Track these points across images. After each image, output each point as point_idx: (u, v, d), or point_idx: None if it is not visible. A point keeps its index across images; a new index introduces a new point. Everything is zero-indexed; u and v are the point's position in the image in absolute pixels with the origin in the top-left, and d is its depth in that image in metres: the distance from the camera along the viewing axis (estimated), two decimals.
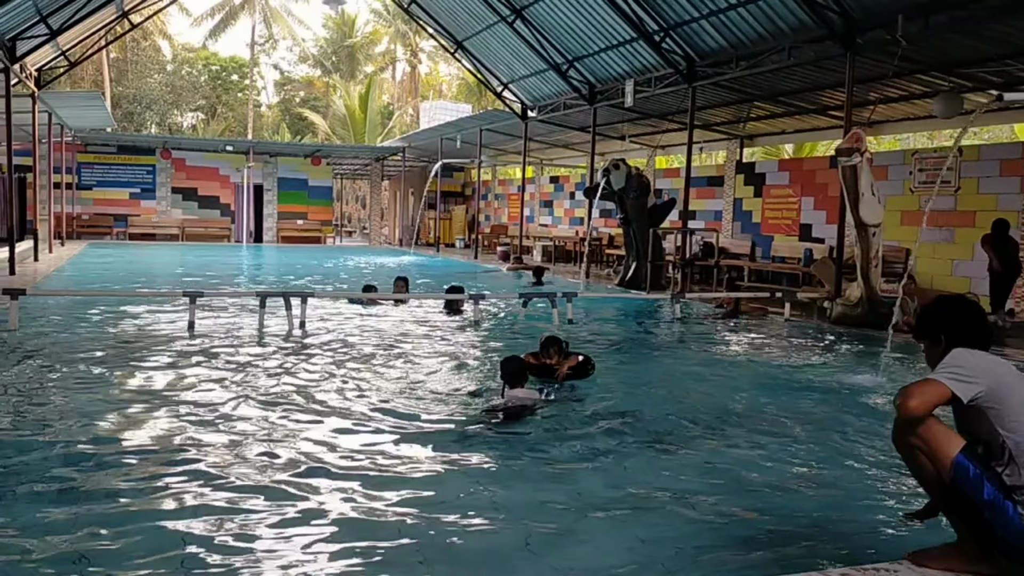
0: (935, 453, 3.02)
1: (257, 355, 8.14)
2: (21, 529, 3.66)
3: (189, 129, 53.75)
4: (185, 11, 50.26)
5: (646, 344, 10.39)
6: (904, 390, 2.99)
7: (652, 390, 7.22)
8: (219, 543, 3.59)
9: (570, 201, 28.04)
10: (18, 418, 5.55)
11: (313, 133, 51.80)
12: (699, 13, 14.49)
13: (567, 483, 4.53)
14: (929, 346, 3.35)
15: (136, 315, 10.76)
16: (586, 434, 5.49)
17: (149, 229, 30.68)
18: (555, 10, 17.75)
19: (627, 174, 15.87)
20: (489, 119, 24.40)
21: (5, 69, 15.26)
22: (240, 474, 4.50)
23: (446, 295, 11.63)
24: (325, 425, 5.60)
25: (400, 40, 53.80)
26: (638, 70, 17.58)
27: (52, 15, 16.50)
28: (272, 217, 32.71)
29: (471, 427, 5.62)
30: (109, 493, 4.14)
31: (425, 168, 33.45)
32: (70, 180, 28.25)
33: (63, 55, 20.75)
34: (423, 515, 3.97)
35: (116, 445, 4.99)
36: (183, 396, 6.29)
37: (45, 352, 7.96)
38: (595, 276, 19.11)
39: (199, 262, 21.06)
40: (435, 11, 22.39)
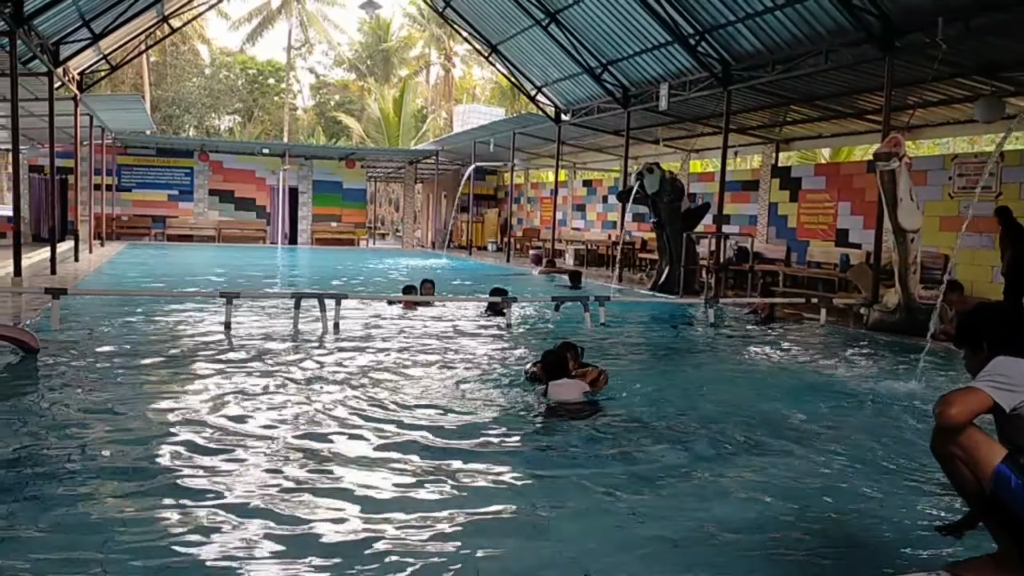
0: (975, 462, 2.97)
1: (291, 355, 8.22)
2: (54, 527, 3.74)
3: (226, 132, 54.52)
4: (224, 15, 50.94)
5: (679, 349, 10.33)
6: (944, 398, 2.95)
7: (685, 395, 7.18)
8: (251, 541, 3.65)
9: (603, 205, 27.98)
10: (55, 418, 5.65)
11: (348, 136, 52.23)
12: (735, 16, 14.40)
13: (599, 487, 4.52)
14: (970, 353, 3.30)
15: (174, 315, 10.93)
16: (616, 440, 5.46)
17: (186, 230, 31.16)
18: (590, 14, 17.74)
19: (661, 178, 15.81)
20: (522, 123, 24.44)
21: (49, 73, 15.59)
22: (271, 475, 4.55)
23: (488, 297, 11.66)
24: (356, 427, 5.64)
25: (434, 44, 54.11)
26: (673, 73, 17.50)
27: (95, 19, 16.85)
28: (307, 219, 33.03)
29: (509, 429, 5.63)
30: (145, 490, 4.22)
31: (458, 171, 33.60)
32: (110, 182, 28.77)
33: (104, 59, 21.18)
34: (461, 524, 3.99)
35: (152, 444, 5.06)
36: (218, 395, 6.38)
37: (84, 351, 8.11)
38: (628, 280, 19.05)
39: (235, 263, 21.33)
40: (470, 15, 22.49)
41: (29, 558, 3.35)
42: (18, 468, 4.45)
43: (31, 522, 3.72)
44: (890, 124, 12.21)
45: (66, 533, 3.63)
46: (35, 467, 4.48)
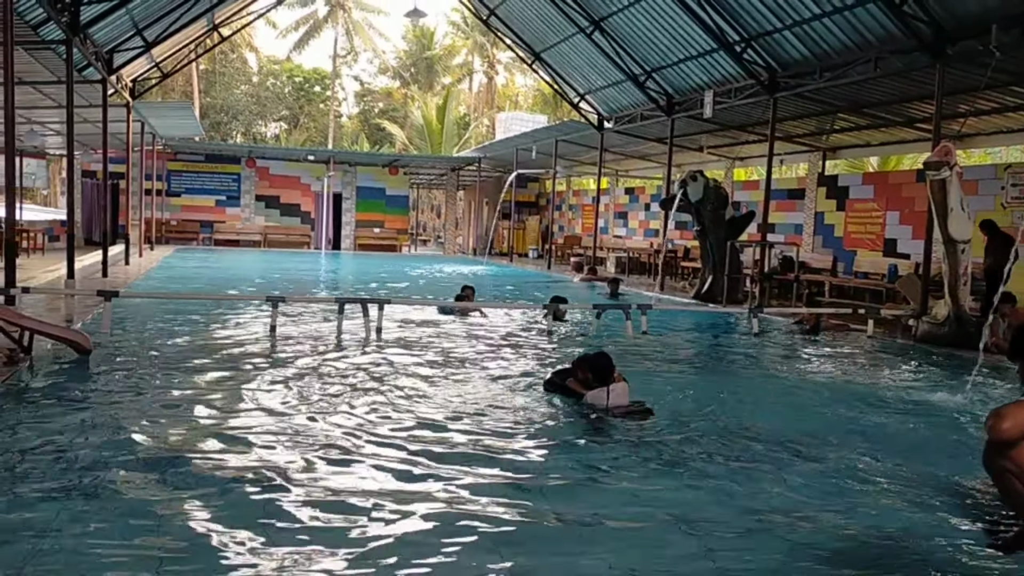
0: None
1: (334, 360, 8.31)
2: (106, 527, 3.82)
3: (272, 139, 55.38)
4: (271, 24, 51.76)
5: (722, 358, 10.24)
6: (996, 412, 2.89)
7: (727, 406, 7.11)
8: (293, 542, 3.70)
9: (645, 212, 27.86)
10: (104, 417, 5.78)
11: (391, 143, 52.74)
12: (782, 24, 14.27)
13: (646, 496, 4.50)
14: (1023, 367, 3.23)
15: (221, 318, 11.12)
16: (661, 450, 5.43)
17: (233, 235, 31.69)
18: (634, 21, 17.70)
19: (705, 186, 15.70)
20: (565, 130, 24.45)
21: (103, 80, 16.00)
22: (315, 477, 4.61)
23: (551, 305, 11.68)
24: (397, 431, 5.68)
25: (478, 52, 54.42)
26: (718, 81, 17.38)
27: (147, 28, 17.26)
28: (350, 225, 33.39)
29: (550, 437, 5.63)
30: (194, 490, 4.30)
31: (500, 178, 33.70)
32: (160, 187, 29.41)
33: (156, 66, 21.66)
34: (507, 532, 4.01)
35: (198, 445, 5.16)
36: (264, 397, 6.47)
37: (134, 352, 8.30)
38: (670, 288, 18.92)
39: (280, 268, 21.63)
40: (514, 23, 22.58)
41: (78, 555, 3.44)
42: (68, 465, 4.57)
43: (79, 519, 3.82)
44: (941, 133, 11.98)
45: (111, 530, 3.72)
46: (85, 465, 4.58)
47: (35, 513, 3.84)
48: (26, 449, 4.78)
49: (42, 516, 3.80)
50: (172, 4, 17.04)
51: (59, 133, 23.30)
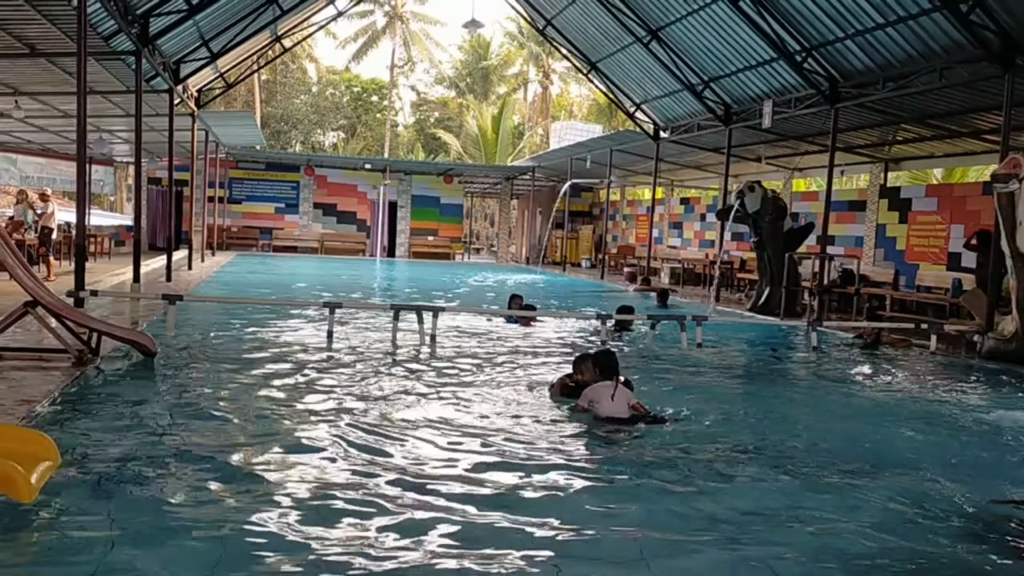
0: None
1: (388, 365, 8.41)
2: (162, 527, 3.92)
3: (330, 147, 56.30)
4: (331, 35, 52.69)
5: (779, 372, 10.08)
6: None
7: (783, 421, 7.00)
8: (343, 545, 3.74)
9: (701, 223, 27.59)
10: (168, 419, 5.93)
11: (446, 152, 53.16)
12: (844, 33, 14.04)
13: (689, 507, 4.46)
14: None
15: (279, 322, 11.32)
16: (712, 465, 5.36)
17: (291, 242, 32.27)
18: (692, 31, 17.59)
19: (763, 196, 15.51)
20: (620, 140, 24.38)
21: (169, 90, 16.46)
22: (366, 482, 4.66)
23: (617, 315, 11.67)
24: (447, 436, 5.72)
25: (533, 61, 54.60)
26: (777, 90, 17.16)
27: (213, 39, 17.71)
28: (405, 233, 33.74)
29: (596, 448, 5.62)
30: (246, 489, 4.39)
31: (554, 188, 33.70)
32: (222, 194, 30.10)
33: (221, 76, 22.20)
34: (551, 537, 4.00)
35: (256, 447, 5.27)
36: (320, 402, 6.58)
37: (196, 355, 8.50)
38: (726, 300, 18.69)
39: (336, 274, 21.94)
40: (570, 33, 22.61)
41: (136, 554, 3.54)
42: (133, 464, 4.70)
43: (141, 516, 3.92)
44: (1009, 144, 11.63)
45: (171, 529, 3.81)
46: (148, 464, 4.70)
47: (98, 511, 3.95)
48: (92, 448, 4.93)
49: (104, 514, 3.91)
50: (237, 16, 17.47)
51: (127, 141, 24.04)
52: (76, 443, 4.94)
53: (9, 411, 5.47)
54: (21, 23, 11.70)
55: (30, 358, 7.37)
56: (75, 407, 5.92)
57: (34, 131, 21.12)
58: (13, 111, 16.93)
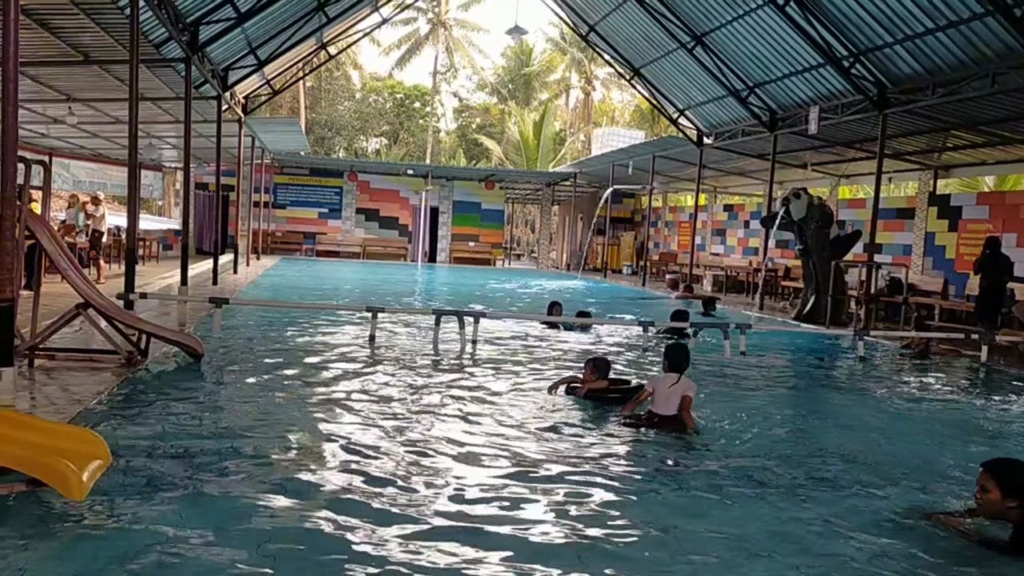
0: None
1: (430, 369, 8.43)
2: (213, 522, 3.97)
3: (373, 153, 56.78)
4: (375, 42, 53.18)
5: (824, 382, 9.92)
6: None
7: (828, 431, 6.87)
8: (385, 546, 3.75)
9: (744, 230, 27.29)
10: (215, 420, 6.02)
11: (487, 158, 53.33)
12: (893, 38, 13.79)
13: (721, 518, 4.39)
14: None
15: (323, 326, 11.43)
16: (753, 479, 5.27)
17: (334, 247, 32.63)
18: (737, 36, 17.43)
19: (808, 203, 15.29)
20: (663, 146, 24.22)
21: (218, 97, 16.75)
22: (408, 485, 4.67)
23: (671, 323, 11.60)
24: (487, 441, 5.72)
25: (575, 67, 54.55)
26: (824, 96, 16.92)
27: (260, 47, 17.99)
28: (446, 238, 33.90)
29: (639, 457, 5.57)
30: (292, 488, 4.43)
31: (595, 194, 33.63)
32: (267, 199, 30.56)
33: (267, 83, 22.53)
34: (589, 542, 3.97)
35: (299, 448, 5.32)
36: (362, 405, 6.62)
37: (242, 357, 8.61)
38: (770, 308, 18.45)
39: (379, 279, 22.10)
40: (613, 39, 22.55)
41: (183, 551, 3.59)
42: (179, 462, 4.78)
43: (188, 514, 3.98)
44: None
45: (219, 527, 3.86)
46: (195, 464, 4.78)
47: (147, 509, 4.02)
48: (141, 448, 5.02)
49: (153, 512, 3.98)
50: (284, 23, 17.73)
51: (175, 147, 24.50)
52: (125, 442, 5.03)
53: (61, 410, 5.59)
54: (76, 31, 11.98)
55: (81, 359, 7.53)
56: (125, 407, 6.04)
57: (86, 137, 21.61)
58: (67, 117, 17.33)
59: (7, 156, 5.35)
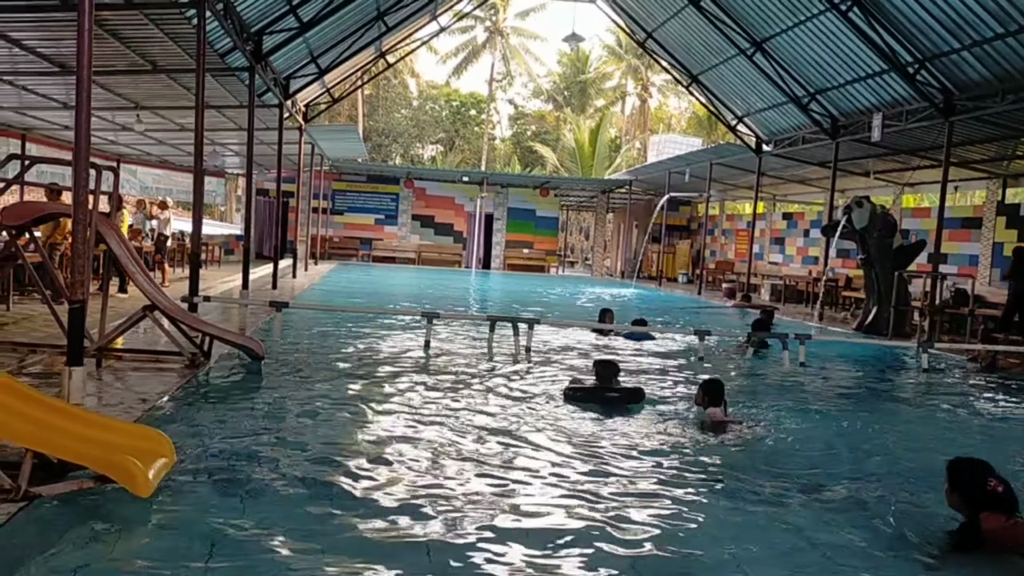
0: None
1: (485, 375, 8.46)
2: (267, 520, 4.04)
3: (429, 160, 57.32)
4: (432, 51, 53.77)
5: (886, 395, 9.67)
6: None
7: (887, 446, 6.69)
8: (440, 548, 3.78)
9: (804, 239, 26.82)
10: (275, 420, 6.13)
11: (542, 165, 53.39)
12: (960, 44, 13.44)
13: (787, 541, 4.32)
14: None
15: (379, 331, 11.57)
16: (812, 495, 5.16)
17: (390, 253, 33.00)
18: (798, 42, 17.17)
19: (871, 212, 14.97)
20: (721, 153, 23.97)
21: (280, 104, 17.08)
22: (466, 489, 4.69)
23: (754, 334, 11.49)
24: (540, 446, 5.71)
25: (631, 74, 54.35)
26: (887, 103, 16.56)
27: (321, 56, 18.31)
28: (500, 245, 34.02)
29: (693, 466, 5.51)
30: (349, 488, 4.48)
31: (651, 201, 33.40)
32: (325, 205, 31.05)
33: (327, 92, 22.91)
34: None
35: (356, 449, 5.38)
36: (417, 408, 6.68)
37: (301, 360, 8.76)
38: (830, 319, 18.09)
39: (434, 284, 22.28)
40: (671, 46, 22.41)
41: (244, 548, 3.66)
42: (241, 463, 4.88)
43: (248, 514, 4.06)
44: None
45: (279, 526, 3.92)
46: (256, 463, 4.87)
47: (211, 506, 4.11)
48: (204, 446, 5.14)
49: (215, 509, 4.08)
50: (345, 33, 18.02)
51: (238, 154, 25.04)
52: (189, 441, 5.16)
53: (128, 409, 5.75)
54: (145, 41, 12.34)
55: (147, 359, 7.74)
56: (188, 407, 6.19)
57: (152, 144, 22.23)
58: (135, 124, 17.86)
59: (80, 162, 5.53)
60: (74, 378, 5.47)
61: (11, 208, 7.90)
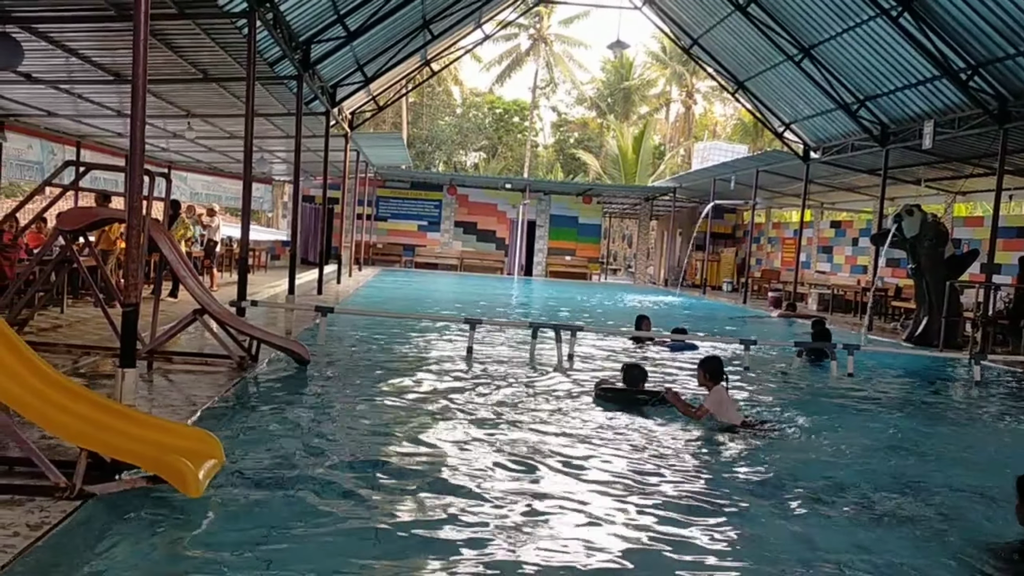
0: None
1: (526, 381, 8.46)
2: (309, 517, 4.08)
3: (472, 167, 57.54)
4: (476, 58, 53.99)
5: (936, 408, 9.43)
6: None
7: (945, 460, 6.54)
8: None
9: (852, 248, 26.37)
10: (320, 421, 6.19)
11: (585, 172, 53.29)
12: (1015, 50, 13.12)
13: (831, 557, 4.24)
14: None
15: (422, 336, 11.63)
16: (859, 511, 5.06)
17: (432, 259, 33.19)
18: (847, 48, 16.91)
19: (922, 221, 14.67)
20: (767, 160, 23.69)
21: (326, 112, 17.30)
22: (507, 492, 4.69)
23: (812, 343, 11.35)
24: (579, 453, 5.69)
25: (676, 81, 54.01)
26: (939, 110, 16.23)
27: (367, 64, 18.51)
28: (542, 252, 34.02)
29: (728, 478, 5.45)
30: (394, 491, 4.51)
31: (695, 209, 33.16)
32: (369, 212, 31.34)
33: (373, 100, 23.15)
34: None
35: (399, 452, 5.42)
36: (460, 413, 6.70)
37: (346, 364, 8.85)
38: (879, 329, 17.75)
39: (476, 291, 22.34)
40: (717, 52, 22.24)
41: (290, 548, 3.70)
42: (286, 462, 4.95)
43: (293, 512, 4.12)
44: None
45: (323, 525, 3.96)
46: (302, 465, 4.93)
47: (258, 506, 4.17)
48: (252, 447, 5.21)
49: (262, 509, 4.14)
50: (391, 41, 18.20)
51: (284, 161, 25.41)
52: (237, 442, 5.24)
53: (178, 410, 5.85)
54: (197, 51, 12.58)
55: (197, 362, 7.88)
56: (236, 409, 6.29)
57: (202, 151, 22.63)
58: (186, 132, 18.21)
59: (135, 168, 5.66)
60: (127, 379, 5.58)
61: (68, 213, 8.12)
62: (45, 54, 11.61)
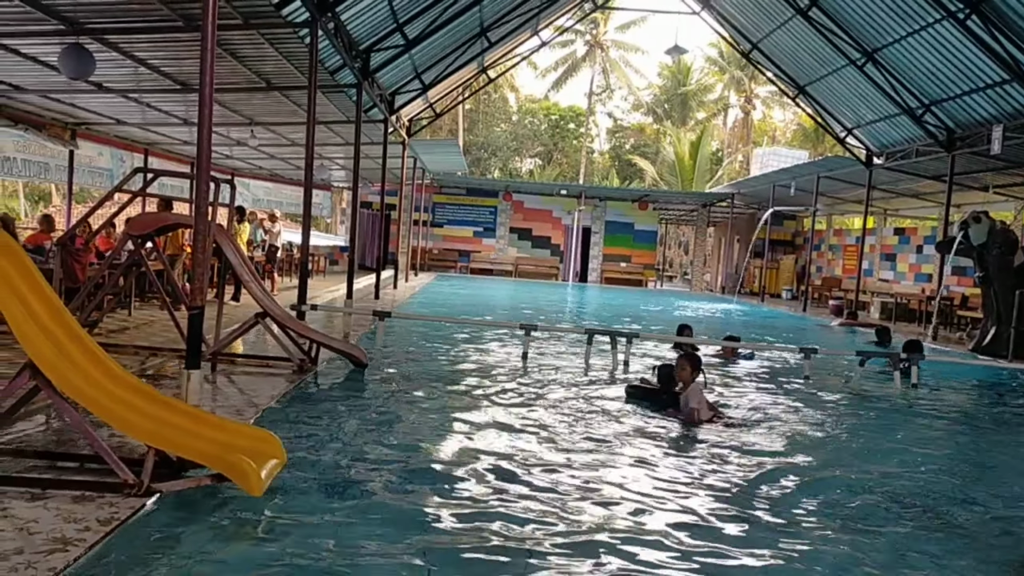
0: None
1: (582, 388, 8.44)
2: (353, 520, 4.13)
3: (527, 174, 57.71)
4: (532, 65, 54.21)
5: (1005, 422, 9.15)
6: None
7: (1000, 474, 6.34)
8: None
9: (916, 255, 25.71)
10: (377, 424, 6.27)
11: (641, 179, 53.00)
12: None
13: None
14: None
15: (478, 341, 11.70)
16: (919, 532, 4.94)
17: (487, 265, 33.34)
18: (912, 51, 16.54)
19: (989, 228, 14.24)
20: (828, 166, 23.26)
21: (384, 120, 17.53)
22: (557, 496, 4.69)
23: (905, 352, 11.15)
24: (629, 461, 5.66)
25: (734, 86, 53.41)
26: (1009, 114, 15.76)
27: (425, 72, 18.72)
28: (597, 259, 33.92)
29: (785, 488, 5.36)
30: (450, 494, 4.54)
31: (753, 215, 32.72)
32: (425, 218, 31.68)
33: (430, 107, 23.39)
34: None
35: (455, 456, 5.46)
36: (516, 419, 6.72)
37: (402, 368, 8.94)
38: (944, 339, 17.27)
39: (530, 297, 22.37)
40: (777, 57, 21.94)
41: (350, 547, 3.76)
42: (346, 465, 5.02)
43: (350, 514, 4.18)
44: None
45: (376, 528, 4.01)
46: (361, 466, 5.00)
47: (319, 506, 4.25)
48: (312, 448, 5.31)
49: (322, 509, 4.22)
50: (448, 49, 18.38)
51: (343, 167, 25.83)
52: (298, 443, 5.34)
53: (241, 411, 5.99)
54: (260, 60, 12.88)
55: (258, 364, 8.06)
56: (297, 410, 6.40)
57: (264, 158, 23.13)
58: (249, 139, 18.65)
59: (202, 175, 5.82)
60: (192, 380, 5.73)
61: (137, 219, 8.38)
62: (115, 64, 12.00)
